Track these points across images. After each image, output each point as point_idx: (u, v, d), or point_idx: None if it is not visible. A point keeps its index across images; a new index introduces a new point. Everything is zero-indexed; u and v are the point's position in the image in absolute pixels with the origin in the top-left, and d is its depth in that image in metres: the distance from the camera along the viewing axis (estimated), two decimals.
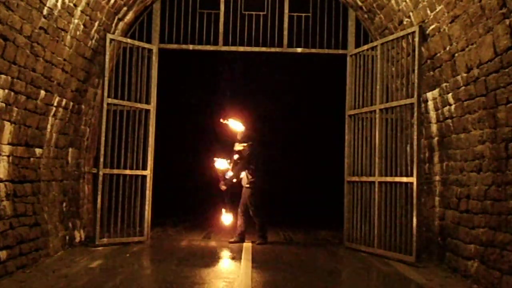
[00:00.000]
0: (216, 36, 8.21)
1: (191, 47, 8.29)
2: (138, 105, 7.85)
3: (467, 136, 5.77)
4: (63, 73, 6.41)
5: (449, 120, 6.21)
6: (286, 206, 13.50)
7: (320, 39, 8.21)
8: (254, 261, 6.61)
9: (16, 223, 5.52)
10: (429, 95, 6.64)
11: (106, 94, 7.40)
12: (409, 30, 6.70)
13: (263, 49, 8.30)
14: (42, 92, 5.97)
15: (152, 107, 8.05)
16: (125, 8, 7.52)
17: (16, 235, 5.47)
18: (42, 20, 5.55)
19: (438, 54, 6.20)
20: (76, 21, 6.33)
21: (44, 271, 5.59)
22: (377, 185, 7.25)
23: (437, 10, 5.93)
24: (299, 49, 8.30)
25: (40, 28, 5.57)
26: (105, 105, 7.41)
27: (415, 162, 6.61)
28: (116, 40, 7.57)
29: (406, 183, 6.78)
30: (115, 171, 7.59)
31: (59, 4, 5.76)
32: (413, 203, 6.56)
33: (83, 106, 7.37)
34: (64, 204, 6.96)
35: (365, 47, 7.77)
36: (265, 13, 8.24)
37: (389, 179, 7.08)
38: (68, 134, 7.02)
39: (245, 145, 8.42)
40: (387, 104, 7.23)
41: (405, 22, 6.87)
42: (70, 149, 7.18)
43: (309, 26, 8.20)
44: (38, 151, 6.19)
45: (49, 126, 6.38)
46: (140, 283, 5.45)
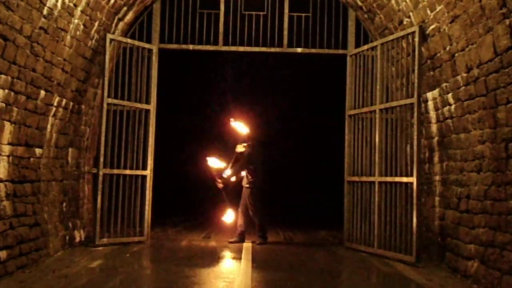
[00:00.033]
0: (216, 36, 8.21)
1: (191, 47, 8.29)
2: (138, 105, 7.85)
3: (467, 136, 5.77)
4: (63, 73, 6.42)
5: (449, 120, 6.21)
6: (286, 206, 13.51)
7: (320, 39, 8.21)
8: (254, 261, 6.61)
9: (16, 223, 5.53)
10: (429, 95, 6.64)
11: (106, 94, 7.41)
12: (409, 30, 6.70)
13: (263, 49, 8.30)
14: (42, 92, 5.97)
15: (152, 107, 8.05)
16: (125, 8, 7.52)
17: (16, 235, 5.47)
18: (42, 20, 5.55)
19: (438, 54, 6.20)
20: (76, 21, 6.34)
21: (44, 271, 5.59)
22: (377, 185, 7.25)
23: (437, 10, 5.93)
24: (299, 49, 8.30)
25: (40, 28, 5.57)
26: (105, 105, 7.41)
27: (415, 162, 6.61)
28: (116, 40, 7.57)
29: (406, 183, 6.78)
30: (115, 171, 7.59)
31: (59, 4, 5.76)
32: (413, 203, 6.56)
33: (83, 106, 7.37)
34: (64, 204, 6.96)
35: (365, 47, 7.77)
36: (265, 13, 8.24)
37: (389, 179, 7.08)
38: (68, 134, 7.02)
39: (245, 145, 8.43)
40: (387, 104, 7.23)
41: (405, 22, 6.87)
42: (70, 149, 7.18)
43: (309, 26, 8.20)
44: (38, 151, 6.19)
45: (49, 126, 6.38)
46: (140, 283, 5.45)
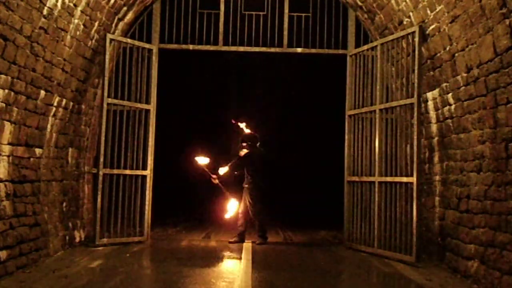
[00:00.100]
0: (216, 36, 8.21)
1: (191, 47, 8.28)
2: (138, 105, 7.85)
3: (467, 136, 5.77)
4: (63, 73, 6.41)
5: (449, 120, 6.21)
6: (286, 206, 13.50)
7: (320, 39, 8.21)
8: (254, 261, 6.61)
9: (16, 223, 5.53)
10: (429, 95, 6.64)
11: (106, 94, 7.41)
12: (409, 30, 6.70)
13: (263, 49, 8.30)
14: (42, 92, 5.97)
15: (152, 107, 8.05)
16: (125, 8, 7.52)
17: (16, 235, 5.47)
18: (42, 20, 5.55)
19: (438, 54, 6.20)
20: (76, 21, 6.34)
21: (44, 271, 5.59)
22: (377, 185, 7.25)
23: (437, 10, 5.93)
24: (299, 49, 8.30)
25: (40, 28, 5.57)
26: (105, 105, 7.41)
27: (415, 162, 6.61)
28: (116, 40, 7.57)
29: (406, 183, 6.78)
30: (115, 171, 7.59)
31: (59, 4, 5.76)
32: (413, 203, 6.56)
33: (83, 106, 7.37)
34: (64, 204, 6.96)
35: (365, 47, 7.77)
36: (265, 13, 8.24)
37: (389, 179, 7.08)
38: (68, 134, 7.02)
39: (245, 145, 8.44)
40: (387, 104, 7.23)
41: (405, 22, 6.87)
42: (70, 149, 7.18)
43: (309, 26, 8.20)
44: (38, 151, 6.19)
45: (49, 126, 6.38)
46: (140, 283, 5.45)
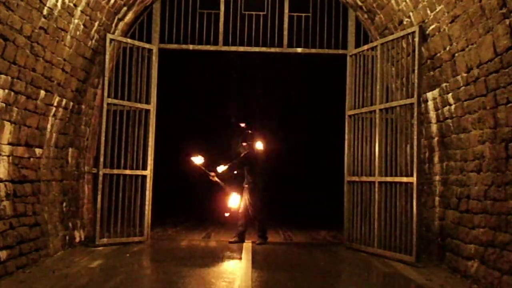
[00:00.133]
0: (216, 36, 8.21)
1: (191, 47, 8.28)
2: (138, 105, 7.85)
3: (467, 136, 5.77)
4: (63, 73, 6.41)
5: (449, 120, 6.21)
6: (286, 206, 13.50)
7: (320, 39, 8.21)
8: (254, 261, 6.61)
9: (16, 223, 5.53)
10: (429, 95, 6.64)
11: (106, 94, 7.41)
12: (409, 30, 6.70)
13: (263, 49, 8.30)
14: (42, 92, 5.97)
15: (152, 107, 8.05)
16: (125, 8, 7.52)
17: (16, 235, 5.48)
18: (42, 20, 5.55)
19: (438, 54, 6.20)
20: (76, 21, 6.34)
21: (44, 271, 5.59)
22: (377, 185, 7.25)
23: (437, 10, 5.93)
24: (299, 49, 8.30)
25: (40, 28, 5.57)
26: (105, 105, 7.41)
27: (415, 162, 6.61)
28: (116, 40, 7.57)
29: (406, 183, 6.78)
30: (115, 171, 7.59)
31: (59, 4, 5.76)
32: (413, 203, 6.56)
33: (83, 106, 7.37)
34: (64, 204, 6.96)
35: (365, 47, 7.77)
36: (265, 13, 8.24)
37: (389, 179, 7.08)
38: (68, 134, 7.02)
39: (246, 145, 8.45)
40: (387, 104, 7.23)
41: (405, 22, 6.87)
42: (70, 149, 7.18)
43: (309, 26, 8.20)
44: (38, 151, 6.19)
45: (49, 126, 6.38)
46: (140, 283, 5.45)
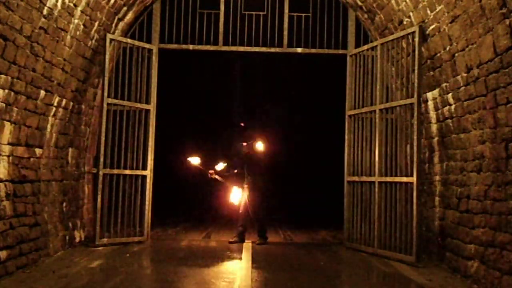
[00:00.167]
0: (216, 36, 8.21)
1: (191, 47, 8.28)
2: (138, 105, 7.85)
3: (467, 136, 5.77)
4: (63, 73, 6.41)
5: (449, 120, 6.21)
6: (286, 206, 13.51)
7: (320, 39, 8.21)
8: (254, 261, 6.61)
9: (16, 223, 5.52)
10: (429, 95, 6.63)
11: (106, 94, 7.41)
12: (409, 30, 6.70)
13: (263, 49, 8.30)
14: (42, 92, 5.97)
15: (152, 107, 8.05)
16: (125, 8, 7.52)
17: (16, 235, 5.48)
18: (42, 20, 5.55)
19: (438, 54, 6.20)
20: (76, 21, 6.33)
21: (44, 271, 5.59)
22: (377, 185, 7.24)
23: (437, 10, 5.93)
24: (299, 49, 8.30)
25: (40, 28, 5.57)
26: (105, 105, 7.41)
27: (415, 162, 6.60)
28: (116, 40, 7.57)
29: (406, 183, 6.78)
30: (115, 171, 7.59)
31: (59, 4, 5.76)
32: (413, 203, 6.56)
33: (83, 106, 7.37)
34: (64, 204, 6.96)
35: (365, 47, 7.77)
36: (265, 13, 8.24)
37: (389, 179, 7.08)
38: (68, 134, 7.02)
39: (246, 145, 8.45)
40: (387, 104, 7.23)
41: (405, 22, 6.87)
42: (70, 149, 7.18)
43: (309, 26, 8.20)
44: (38, 151, 6.19)
45: (49, 126, 6.38)
46: (140, 283, 5.45)
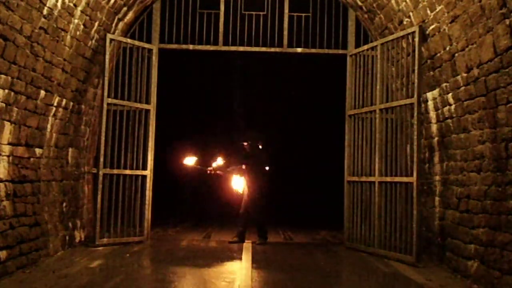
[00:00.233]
0: (216, 36, 8.21)
1: (191, 47, 8.28)
2: (138, 105, 7.85)
3: (467, 136, 5.77)
4: (63, 73, 6.42)
5: (449, 120, 6.21)
6: (286, 206, 13.51)
7: (320, 39, 8.21)
8: (254, 261, 6.61)
9: (16, 223, 5.52)
10: (429, 95, 6.63)
11: (106, 94, 7.41)
12: (409, 30, 6.70)
13: (263, 49, 8.30)
14: (42, 92, 5.97)
15: (152, 107, 8.05)
16: (125, 8, 7.52)
17: (16, 235, 5.47)
18: (42, 20, 5.55)
19: (438, 54, 6.20)
20: (76, 21, 6.34)
21: (44, 271, 5.59)
22: (377, 185, 7.25)
23: (437, 10, 5.93)
24: (299, 49, 8.30)
25: (40, 28, 5.57)
26: (105, 105, 7.41)
27: (415, 162, 6.60)
28: (116, 40, 7.57)
29: (406, 183, 6.78)
30: (115, 171, 7.59)
31: (59, 4, 5.76)
32: (413, 203, 6.56)
33: (83, 106, 7.37)
34: (64, 204, 6.96)
35: (365, 47, 7.77)
36: (265, 13, 8.24)
37: (389, 179, 7.08)
38: (68, 134, 7.02)
39: (246, 145, 8.46)
40: (387, 104, 7.23)
41: (405, 22, 6.87)
42: (70, 149, 7.18)
43: (309, 26, 8.19)
44: (38, 151, 6.19)
45: (49, 126, 6.38)
46: (140, 283, 5.45)
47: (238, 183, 8.50)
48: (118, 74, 7.62)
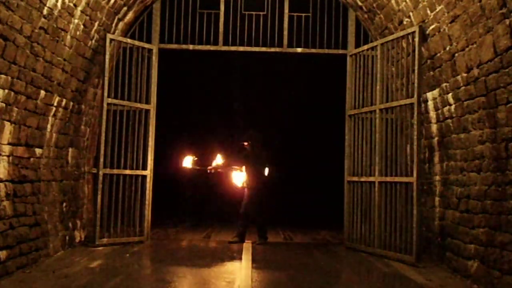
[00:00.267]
0: (216, 36, 8.21)
1: (191, 47, 8.29)
2: (138, 105, 7.85)
3: (467, 136, 5.77)
4: (63, 73, 6.42)
5: (449, 120, 6.21)
6: (286, 206, 13.50)
7: (320, 39, 8.21)
8: (254, 261, 6.61)
9: (16, 223, 5.52)
10: (429, 95, 6.64)
11: (106, 94, 7.41)
12: (409, 30, 6.70)
13: (263, 49, 8.30)
14: (42, 92, 5.97)
15: (152, 107, 8.05)
16: (125, 8, 7.52)
17: (16, 235, 5.47)
18: (42, 20, 5.55)
19: (438, 54, 6.20)
20: (76, 21, 6.33)
21: (44, 271, 5.59)
22: (377, 185, 7.25)
23: (437, 10, 5.93)
24: (299, 49, 8.30)
25: (40, 28, 5.57)
26: (105, 105, 7.41)
27: (415, 162, 6.61)
28: (116, 40, 7.57)
29: (406, 183, 6.78)
30: (115, 171, 7.59)
31: (59, 4, 5.76)
32: (413, 203, 6.56)
33: (83, 106, 7.37)
34: (64, 204, 6.96)
35: (365, 47, 7.77)
36: (265, 13, 8.24)
37: (389, 179, 7.08)
38: (68, 134, 7.02)
39: (246, 144, 8.46)
40: (387, 104, 7.23)
41: (405, 22, 6.87)
42: (70, 149, 7.18)
43: (309, 26, 8.20)
44: (38, 151, 6.19)
45: (49, 126, 6.38)
46: (140, 283, 5.45)
47: (238, 178, 8.52)
48: (118, 74, 7.62)
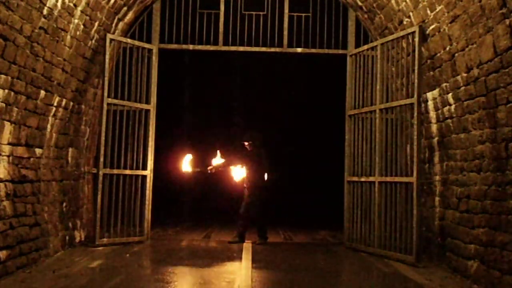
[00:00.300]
0: (216, 36, 8.21)
1: (191, 47, 8.29)
2: (138, 105, 7.85)
3: (467, 136, 5.77)
4: (63, 73, 6.41)
5: (449, 120, 6.21)
6: (286, 206, 13.50)
7: (320, 39, 8.21)
8: (254, 261, 6.61)
9: (16, 223, 5.52)
10: (429, 95, 6.64)
11: (106, 94, 7.41)
12: (409, 30, 6.70)
13: (263, 49, 8.30)
14: (42, 92, 5.97)
15: (152, 107, 8.05)
16: (125, 8, 7.52)
17: (16, 235, 5.47)
18: (42, 20, 5.55)
19: (438, 54, 6.20)
20: (76, 21, 6.33)
21: (44, 271, 5.59)
22: (377, 185, 7.24)
23: (437, 10, 5.93)
24: (299, 49, 8.30)
25: (40, 28, 5.57)
26: (105, 105, 7.41)
27: (415, 162, 6.60)
28: (116, 40, 7.57)
29: (406, 183, 6.78)
30: (115, 171, 7.59)
31: (59, 4, 5.76)
32: (413, 203, 6.56)
33: (83, 106, 7.37)
34: (64, 204, 6.96)
35: (365, 47, 7.77)
36: (265, 13, 8.24)
37: (389, 179, 7.08)
38: (68, 134, 7.02)
39: (247, 145, 8.46)
40: (387, 104, 7.23)
41: (405, 22, 6.87)
42: (70, 149, 7.18)
43: (309, 26, 8.19)
44: (38, 151, 6.19)
45: (49, 126, 6.38)
46: (140, 283, 5.45)
47: (238, 173, 8.52)
48: (118, 74, 7.62)
